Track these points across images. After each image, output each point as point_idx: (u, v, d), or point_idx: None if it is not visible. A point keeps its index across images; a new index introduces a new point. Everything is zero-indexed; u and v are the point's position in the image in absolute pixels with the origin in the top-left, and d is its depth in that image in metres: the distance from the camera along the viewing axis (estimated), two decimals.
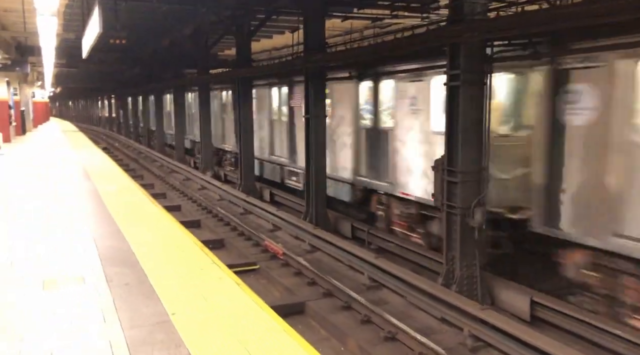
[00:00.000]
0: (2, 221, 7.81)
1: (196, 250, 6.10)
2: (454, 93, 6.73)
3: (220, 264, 5.55)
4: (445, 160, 6.91)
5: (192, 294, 4.70)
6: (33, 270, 5.48)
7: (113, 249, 6.11)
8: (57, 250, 6.24)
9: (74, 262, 5.72)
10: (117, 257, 5.79)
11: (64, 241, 6.62)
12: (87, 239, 6.66)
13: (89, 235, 6.82)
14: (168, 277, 5.14)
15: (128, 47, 21.10)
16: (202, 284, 4.94)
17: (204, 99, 18.88)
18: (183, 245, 6.33)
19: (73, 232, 7.05)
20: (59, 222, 7.70)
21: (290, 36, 19.63)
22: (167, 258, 5.84)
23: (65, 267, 5.55)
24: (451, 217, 6.96)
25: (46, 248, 6.34)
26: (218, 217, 13.19)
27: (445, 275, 7.05)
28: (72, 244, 6.47)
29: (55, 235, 6.94)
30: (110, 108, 46.77)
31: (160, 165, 22.89)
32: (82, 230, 7.15)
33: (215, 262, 5.62)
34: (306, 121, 10.93)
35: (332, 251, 9.40)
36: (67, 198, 9.80)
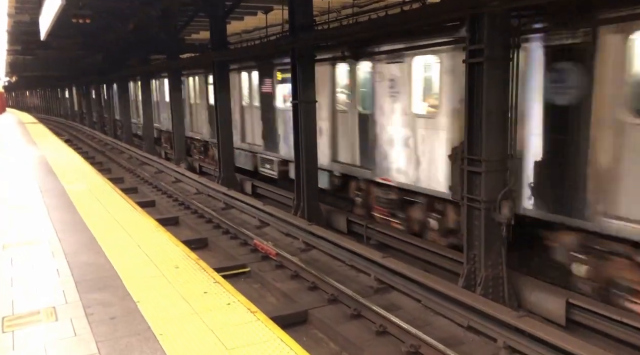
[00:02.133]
0: None
1: (192, 266, 5.09)
2: (476, 71, 5.93)
3: (228, 286, 4.57)
4: (466, 147, 6.12)
5: (201, 334, 3.72)
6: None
7: (89, 267, 5.07)
8: (21, 272, 5.17)
9: (43, 289, 4.68)
10: (96, 278, 4.78)
11: (30, 259, 5.55)
12: (58, 254, 5.61)
13: (59, 250, 5.76)
14: (164, 306, 4.17)
15: (90, 32, 19.64)
16: (211, 316, 3.96)
17: (175, 85, 17.67)
18: (174, 259, 5.34)
19: (40, 246, 5.97)
20: (22, 233, 6.59)
21: (262, 18, 18.72)
22: (158, 277, 4.86)
23: (31, 298, 4.49)
24: (473, 212, 6.20)
25: (6, 270, 5.27)
26: (197, 214, 12.18)
27: (466, 276, 6.31)
28: (38, 262, 5.42)
29: (18, 251, 5.85)
30: (72, 98, 44.61)
31: (129, 157, 21.58)
32: (51, 242, 6.08)
33: (218, 281, 4.64)
34: (294, 107, 10.01)
35: (329, 249, 8.57)
36: (31, 201, 8.62)
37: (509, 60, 5.87)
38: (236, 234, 10.13)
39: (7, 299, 4.39)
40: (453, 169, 6.36)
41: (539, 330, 5.14)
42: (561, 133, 6.12)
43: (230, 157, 14.05)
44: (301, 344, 3.70)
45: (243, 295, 4.57)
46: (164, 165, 17.93)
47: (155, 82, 22.58)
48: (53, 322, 3.79)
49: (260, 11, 17.87)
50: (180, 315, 3.87)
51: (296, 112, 9.98)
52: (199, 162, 18.61)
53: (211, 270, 4.80)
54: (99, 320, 3.80)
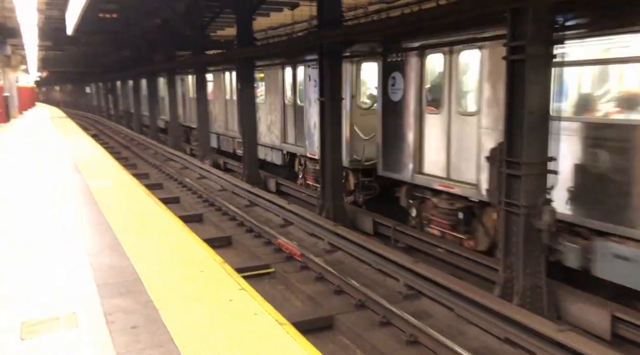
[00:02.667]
0: None
1: (218, 271, 4.89)
2: (516, 69, 5.59)
3: (254, 293, 4.34)
4: (505, 149, 5.79)
5: (226, 347, 3.47)
6: (9, 307, 4.24)
7: (112, 271, 4.88)
8: (42, 273, 5.01)
9: (63, 292, 4.50)
10: (118, 283, 4.59)
11: (50, 259, 5.40)
12: (79, 256, 5.43)
13: (82, 251, 5.59)
14: (187, 314, 3.94)
15: (117, 28, 19.69)
16: (237, 326, 3.73)
17: (200, 81, 17.59)
18: (199, 262, 5.15)
19: (61, 246, 5.82)
20: (44, 232, 6.47)
21: (288, 14, 18.48)
22: (181, 281, 4.65)
23: (51, 301, 4.30)
24: (511, 217, 5.87)
25: (26, 270, 5.12)
26: (221, 211, 12.06)
27: (503, 284, 5.99)
28: (60, 263, 5.26)
29: (39, 252, 5.71)
30: (98, 93, 45.14)
31: (155, 152, 21.63)
32: (73, 243, 5.92)
33: (244, 288, 4.41)
34: (320, 104, 9.75)
35: (354, 251, 8.32)
36: (54, 199, 8.55)
37: (552, 57, 5.53)
38: (260, 233, 9.96)
39: (26, 302, 4.25)
40: (491, 171, 6.03)
41: (582, 345, 4.82)
42: (395, 119, 9.33)
43: (254, 155, 13.90)
44: (327, 352, 3.49)
45: (267, 297, 4.37)
46: (189, 161, 17.90)
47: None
48: (73, 329, 3.63)
49: (286, 7, 17.68)
50: (205, 325, 3.66)
51: (322, 109, 9.73)
52: (190, 146, 19.79)
53: (237, 275, 4.59)
54: (120, 329, 3.62)
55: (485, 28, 6.81)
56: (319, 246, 9.06)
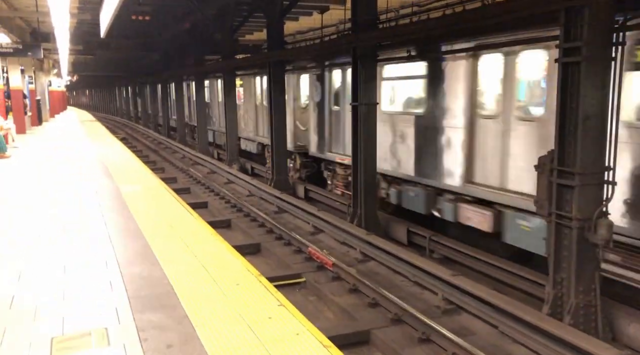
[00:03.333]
0: (5, 240, 6.46)
1: (254, 284, 4.63)
2: (570, 72, 5.23)
3: (294, 310, 4.05)
4: (555, 158, 5.43)
5: None
6: (40, 320, 4.04)
7: (144, 281, 4.68)
8: (74, 282, 4.82)
9: (95, 304, 4.29)
10: (151, 295, 4.37)
11: (82, 268, 5.23)
12: (110, 264, 5.26)
13: (112, 258, 5.43)
14: (225, 332, 3.69)
15: (147, 31, 19.81)
16: (279, 348, 3.44)
17: (229, 85, 17.50)
18: (234, 273, 4.89)
19: (93, 255, 5.66)
20: (75, 238, 6.36)
21: (317, 18, 18.28)
22: (217, 295, 4.39)
23: (82, 314, 4.09)
24: (562, 230, 5.50)
25: (59, 280, 4.94)
26: (250, 217, 11.87)
27: (552, 302, 5.61)
28: (91, 272, 5.08)
29: (70, 258, 5.57)
30: (127, 97, 45.71)
31: (182, 157, 21.66)
32: (105, 249, 5.77)
33: (284, 304, 4.13)
34: (353, 109, 9.49)
35: (389, 261, 8.01)
36: (85, 203, 8.48)
37: (611, 60, 5.16)
38: (290, 241, 9.72)
39: (58, 315, 4.07)
40: (539, 181, 5.67)
41: None
42: (317, 114, 13.16)
43: (284, 160, 13.69)
44: None
45: (298, 308, 4.11)
46: (216, 165, 17.81)
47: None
48: (105, 347, 3.41)
49: (315, 11, 17.49)
50: (244, 345, 3.41)
51: (355, 114, 9.46)
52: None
53: (274, 290, 4.34)
54: (154, 348, 3.38)
55: None
56: (351, 255, 8.77)
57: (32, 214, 7.68)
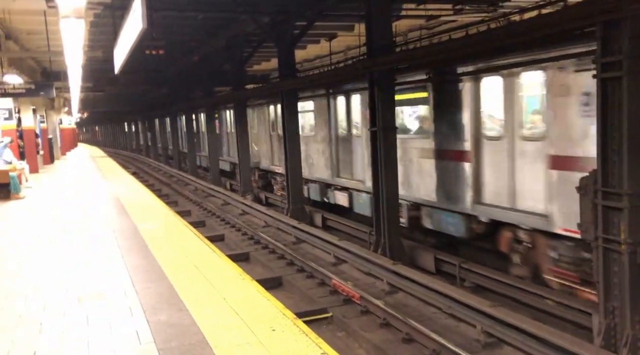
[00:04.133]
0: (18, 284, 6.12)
1: (291, 329, 4.25)
2: (611, 88, 4.96)
3: None
4: (600, 178, 5.12)
5: None
6: None
7: (173, 330, 4.28)
8: (98, 333, 4.46)
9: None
10: (182, 346, 3.97)
11: (106, 316, 4.86)
12: (136, 311, 4.89)
13: (136, 304, 5.05)
14: None
15: (155, 66, 19.87)
16: None
17: (240, 115, 17.40)
18: (267, 317, 4.53)
19: (116, 299, 5.30)
20: (96, 282, 6.03)
21: (324, 46, 18.27)
22: (253, 345, 4.00)
23: None
24: (610, 255, 5.15)
25: (83, 330, 4.61)
26: (268, 248, 11.56)
27: (604, 333, 5.22)
28: (116, 320, 4.73)
29: (92, 306, 5.21)
30: (137, 131, 45.96)
31: (195, 189, 21.48)
32: (128, 295, 5.39)
33: (326, 351, 3.71)
34: (372, 135, 9.26)
35: (418, 292, 7.64)
36: (103, 244, 8.15)
37: None
38: (312, 273, 9.38)
39: None
40: (582, 203, 5.35)
41: None
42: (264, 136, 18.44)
43: (299, 189, 13.44)
44: None
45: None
46: (230, 197, 17.59)
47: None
48: None
49: (323, 39, 17.49)
50: None
51: (374, 140, 9.23)
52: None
53: (314, 335, 4.00)
54: None
55: None
56: (377, 286, 8.42)
57: (48, 258, 7.41)
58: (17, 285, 5.99)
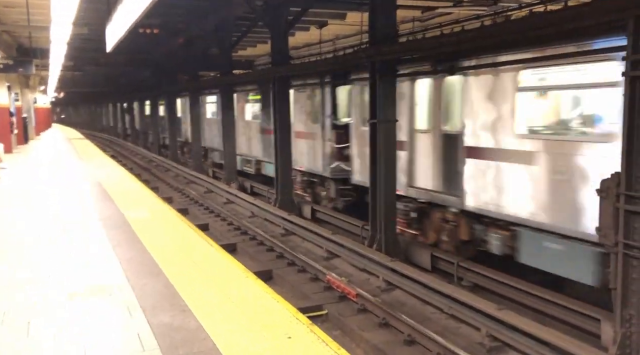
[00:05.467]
0: None
1: (307, 336, 3.86)
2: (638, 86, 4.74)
3: None
4: (623, 181, 4.91)
5: None
6: None
7: (178, 335, 3.86)
8: (96, 335, 4.03)
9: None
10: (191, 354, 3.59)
11: (102, 316, 4.43)
12: (135, 311, 4.44)
13: (135, 303, 4.58)
14: None
15: (139, 47, 19.16)
16: None
17: (226, 102, 16.92)
18: (281, 322, 4.13)
19: (111, 296, 4.85)
20: (87, 277, 5.53)
21: (313, 34, 17.85)
22: (269, 353, 3.62)
23: None
24: (630, 262, 4.95)
25: (79, 331, 4.17)
26: (256, 240, 11.21)
27: (620, 342, 5.05)
28: (114, 320, 4.30)
29: (86, 304, 4.74)
30: (115, 114, 44.83)
31: (176, 175, 20.93)
32: (123, 292, 4.92)
33: None
34: (371, 127, 8.96)
35: (417, 291, 7.40)
36: (90, 235, 7.53)
37: None
38: (304, 267, 9.08)
39: None
40: (602, 207, 5.14)
41: None
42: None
43: (289, 179, 13.07)
44: None
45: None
46: (213, 184, 17.13)
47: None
48: None
49: (314, 26, 17.06)
50: None
51: (374, 132, 8.93)
52: None
53: (335, 344, 3.67)
54: None
55: None
56: (373, 283, 8.15)
57: (29, 248, 6.88)
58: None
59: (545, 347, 5.48)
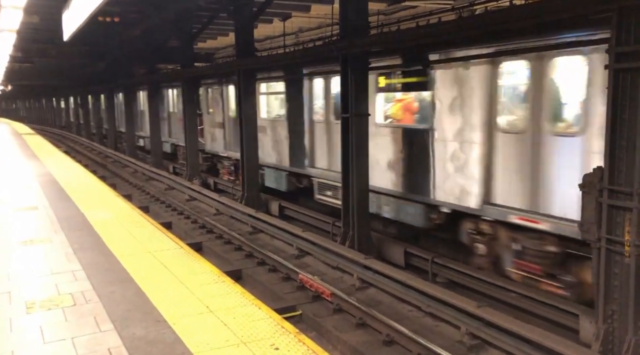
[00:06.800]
0: None
1: (295, 347, 3.58)
2: (623, 80, 4.68)
3: None
4: (606, 176, 4.85)
5: None
6: None
7: (154, 349, 3.52)
8: (63, 349, 3.65)
9: None
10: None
11: (65, 328, 4.02)
12: (104, 322, 4.05)
13: (103, 314, 4.18)
14: None
15: (93, 39, 18.32)
16: None
17: (188, 96, 16.37)
18: (264, 331, 3.84)
19: (76, 307, 4.42)
20: (48, 286, 5.06)
21: (277, 26, 17.50)
22: None
23: None
24: (613, 257, 4.92)
25: (38, 349, 3.79)
26: (222, 239, 10.85)
27: (602, 339, 5.01)
28: (80, 334, 3.89)
29: (47, 317, 4.33)
30: (68, 108, 43.10)
31: (134, 171, 20.20)
32: (90, 302, 4.47)
33: None
34: (343, 121, 8.75)
35: (393, 289, 7.25)
36: (49, 235, 7.03)
37: None
38: (275, 266, 8.81)
39: None
40: (585, 202, 5.08)
41: None
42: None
43: (255, 175, 12.74)
44: None
45: None
46: (174, 181, 16.57)
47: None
48: None
49: (277, 18, 16.71)
50: None
51: (346, 126, 8.71)
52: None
53: (324, 354, 3.44)
54: None
55: None
56: (346, 281, 7.96)
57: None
58: None
59: (526, 344, 5.42)
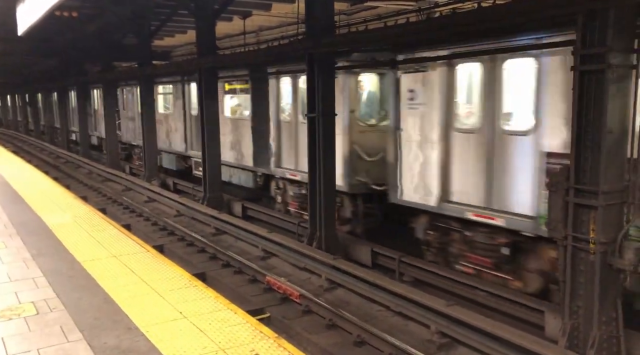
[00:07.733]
0: None
1: (273, 350, 3.57)
2: (589, 81, 4.81)
3: None
4: (572, 175, 4.98)
5: None
6: None
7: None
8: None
9: None
10: None
11: (31, 339, 3.77)
12: (71, 331, 3.82)
13: (70, 323, 3.94)
14: None
15: (43, 36, 17.53)
16: None
17: (147, 95, 15.93)
18: (242, 336, 3.75)
19: (41, 316, 4.15)
20: (5, 295, 4.80)
21: (236, 24, 17.29)
22: None
23: None
24: (578, 254, 5.04)
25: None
26: (185, 241, 10.60)
27: (569, 333, 5.13)
28: (48, 345, 3.65)
29: (9, 327, 4.06)
30: (15, 106, 41.32)
31: (88, 172, 19.52)
32: (55, 310, 4.21)
33: None
34: (310, 121, 8.69)
35: (361, 289, 7.24)
36: (4, 241, 6.64)
37: (632, 68, 4.80)
38: (240, 268, 8.66)
39: None
40: (552, 200, 5.20)
41: None
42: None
43: (218, 176, 12.50)
44: None
45: None
46: (132, 182, 16.10)
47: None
48: None
49: (237, 16, 16.48)
50: None
51: (312, 126, 8.65)
52: None
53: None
54: None
55: None
56: (314, 283, 7.90)
57: None
58: None
59: (495, 341, 5.49)
